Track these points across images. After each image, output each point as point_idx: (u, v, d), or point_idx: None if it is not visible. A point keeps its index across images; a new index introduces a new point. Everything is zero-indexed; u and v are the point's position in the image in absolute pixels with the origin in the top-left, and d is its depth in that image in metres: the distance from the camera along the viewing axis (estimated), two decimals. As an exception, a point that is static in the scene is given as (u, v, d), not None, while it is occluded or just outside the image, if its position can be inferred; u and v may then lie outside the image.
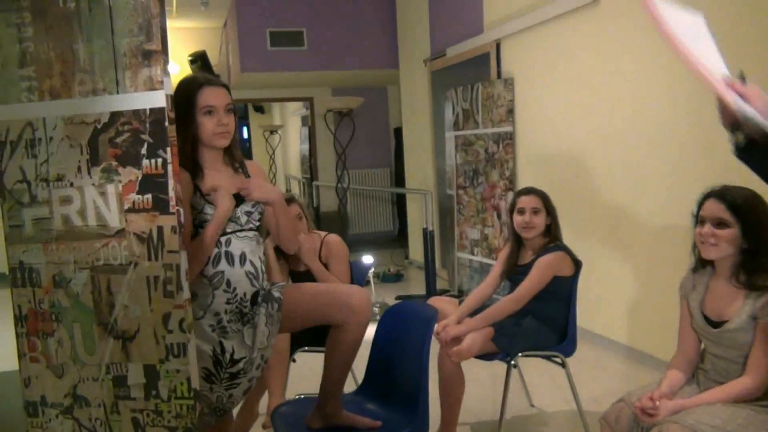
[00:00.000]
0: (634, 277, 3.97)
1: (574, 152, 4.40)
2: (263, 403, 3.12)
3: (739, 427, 1.87)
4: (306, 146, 10.15)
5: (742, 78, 1.72)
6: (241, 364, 2.00)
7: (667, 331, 3.57)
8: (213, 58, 8.46)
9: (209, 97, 1.95)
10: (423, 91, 6.77)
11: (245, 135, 12.37)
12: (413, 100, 7.15)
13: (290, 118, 11.65)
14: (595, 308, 4.24)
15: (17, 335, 1.80)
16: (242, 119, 12.27)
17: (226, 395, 2.03)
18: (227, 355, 1.97)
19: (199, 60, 8.00)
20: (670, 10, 1.67)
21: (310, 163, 9.67)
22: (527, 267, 2.97)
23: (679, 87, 3.51)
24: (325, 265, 3.16)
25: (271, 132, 10.82)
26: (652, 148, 3.73)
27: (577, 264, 3.01)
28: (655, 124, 3.70)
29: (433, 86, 6.55)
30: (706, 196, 2.07)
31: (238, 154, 2.10)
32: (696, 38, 1.72)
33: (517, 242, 3.09)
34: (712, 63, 1.70)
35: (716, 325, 2.04)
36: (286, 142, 11.82)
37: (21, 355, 1.79)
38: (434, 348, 2.55)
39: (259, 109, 12.32)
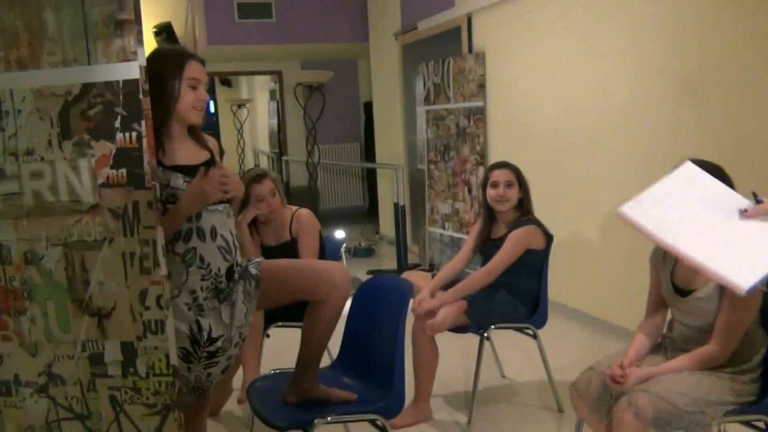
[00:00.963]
0: (602, 250, 4.04)
1: (544, 127, 4.43)
2: (237, 379, 3.12)
3: (704, 393, 1.93)
4: (275, 121, 10.03)
5: (758, 199, 1.81)
6: (219, 343, 1.98)
7: (635, 302, 3.66)
8: (178, 30, 8.26)
9: (196, 70, 1.95)
10: (394, 65, 6.73)
11: (212, 109, 12.15)
12: (384, 75, 7.11)
13: (258, 92, 11.49)
14: (566, 281, 4.31)
15: (-13, 313, 1.76)
16: (208, 93, 12.04)
17: (204, 374, 2.01)
18: (204, 334, 1.95)
19: (164, 32, 7.79)
20: (646, 205, 1.79)
21: (279, 138, 9.57)
22: (500, 241, 3.00)
23: (647, 62, 3.55)
24: (295, 240, 3.14)
25: (239, 106, 10.66)
26: (620, 123, 3.78)
27: (549, 237, 3.05)
28: (623, 99, 3.74)
29: (403, 60, 6.51)
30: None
31: (200, 128, 2.07)
32: (687, 210, 1.83)
33: (490, 216, 3.12)
34: (716, 218, 1.81)
35: (685, 293, 2.09)
36: (254, 116, 11.67)
37: (-8, 334, 1.75)
38: (408, 321, 2.57)
39: (226, 83, 12.11)
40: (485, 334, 2.92)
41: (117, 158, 1.61)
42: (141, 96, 1.58)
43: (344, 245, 3.63)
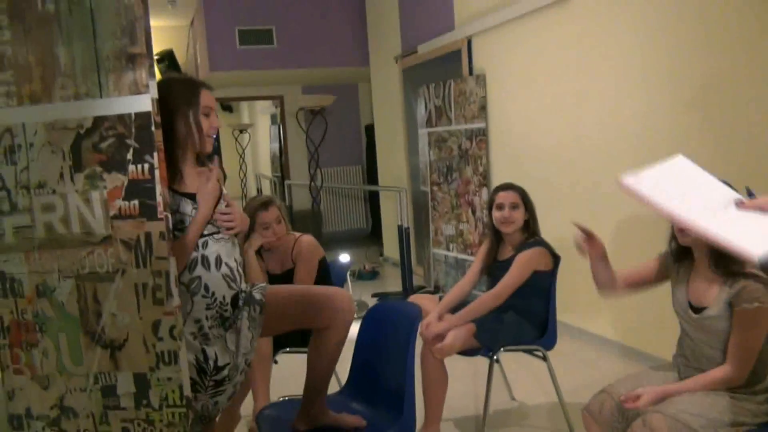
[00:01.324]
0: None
1: (547, 147, 4.45)
2: (247, 406, 3.10)
3: (719, 414, 1.92)
4: (276, 145, 10.07)
5: (750, 194, 1.80)
6: (225, 371, 1.98)
7: (645, 321, 3.65)
8: (180, 57, 8.35)
9: (208, 98, 1.98)
10: (394, 88, 6.78)
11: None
12: (385, 98, 7.15)
13: (259, 117, 11.56)
14: (574, 301, 4.30)
15: (-1, 347, 1.76)
16: (210, 118, 12.10)
17: (211, 403, 2.01)
18: (211, 363, 1.94)
19: (166, 59, 7.89)
20: (647, 182, 1.77)
21: (281, 162, 9.61)
22: (507, 263, 3.00)
23: (650, 83, 3.57)
24: (296, 265, 3.14)
25: (241, 131, 10.72)
26: (623, 142, 3.79)
27: (556, 258, 3.05)
28: (626, 119, 3.76)
29: (404, 83, 6.55)
30: None
31: (204, 155, 2.08)
32: (685, 194, 1.81)
33: (496, 238, 3.12)
34: (713, 204, 1.77)
35: (696, 311, 2.08)
36: (256, 140, 11.73)
37: (4, 368, 1.74)
38: (417, 346, 2.56)
39: (228, 108, 12.20)
40: (495, 357, 2.90)
41: (129, 190, 1.62)
42: (153, 128, 1.59)
43: (350, 268, 3.64)
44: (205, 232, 1.94)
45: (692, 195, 1.82)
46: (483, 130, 5.05)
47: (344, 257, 5.10)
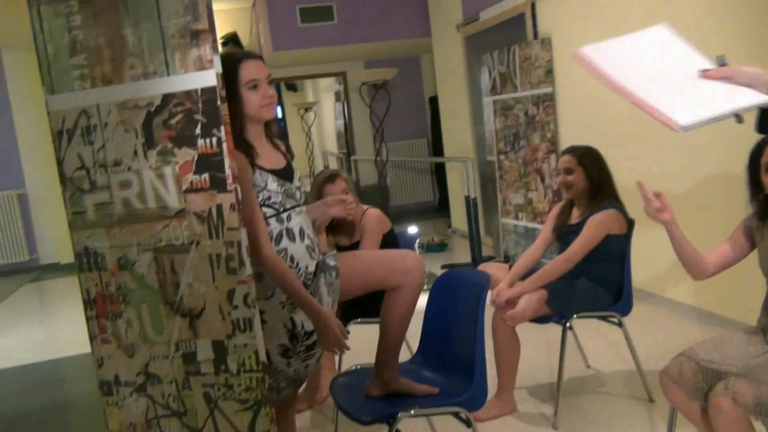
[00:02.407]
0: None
1: (617, 110, 4.30)
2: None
3: None
4: (341, 121, 10.14)
5: (722, 63, 1.72)
6: (315, 336, 2.03)
7: (724, 286, 3.51)
8: (244, 39, 8.48)
9: (251, 70, 1.92)
10: (457, 57, 6.68)
11: (279, 114, 12.41)
12: (447, 68, 7.07)
13: (323, 95, 11.65)
14: (650, 267, 4.18)
15: (87, 318, 1.85)
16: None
17: (302, 366, 2.08)
18: (300, 329, 2.00)
19: (231, 41, 8.02)
20: (605, 53, 1.69)
21: (347, 138, 9.67)
22: (578, 227, 2.93)
23: (720, 43, 3.38)
24: (361, 237, 3.16)
25: (306, 110, 10.84)
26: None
27: (630, 222, 2.96)
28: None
29: (467, 52, 6.45)
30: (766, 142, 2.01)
31: (274, 127, 2.09)
32: (649, 68, 1.72)
33: (568, 202, 3.06)
34: (673, 75, 1.73)
35: None
36: (321, 118, 11.84)
37: (92, 337, 1.84)
38: (488, 313, 2.55)
39: (292, 87, 12.35)
40: (568, 324, 2.86)
41: (199, 164, 1.67)
42: (219, 102, 1.63)
43: (418, 239, 3.64)
44: (288, 206, 1.98)
45: (655, 63, 1.74)
46: (550, 96, 4.92)
47: (413, 229, 5.11)
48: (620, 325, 2.93)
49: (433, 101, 8.56)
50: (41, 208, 7.83)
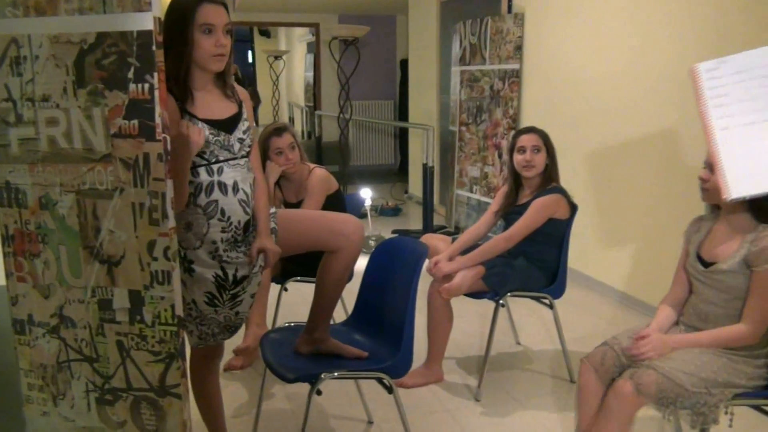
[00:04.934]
0: (630, 222, 3.97)
1: (580, 93, 4.31)
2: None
3: (713, 374, 1.90)
4: (311, 74, 9.98)
5: None
6: (242, 284, 2.04)
7: (659, 277, 3.60)
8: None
9: (208, 14, 1.84)
10: (431, 22, 6.60)
11: (249, 59, 12.13)
12: (421, 31, 6.97)
13: (296, 44, 11.41)
14: (589, 251, 4.26)
15: (4, 254, 1.81)
16: (247, 42, 12.02)
17: (232, 314, 2.08)
18: (230, 277, 2.00)
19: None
20: (720, 81, 1.69)
21: (314, 92, 9.53)
22: (523, 207, 2.96)
23: (690, 30, 3.40)
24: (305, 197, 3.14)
25: (276, 57, 10.62)
26: (661, 91, 3.65)
27: (573, 207, 3.00)
28: (661, 65, 3.61)
29: (442, 17, 6.37)
30: None
31: (229, 78, 2.03)
32: (751, 100, 1.76)
33: (516, 182, 3.08)
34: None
35: (707, 265, 2.04)
36: (291, 68, 11.62)
37: (8, 274, 1.80)
38: (425, 283, 2.57)
39: (265, 33, 12.06)
40: (500, 301, 2.91)
41: (129, 109, 1.61)
42: (154, 48, 1.57)
43: (367, 203, 3.63)
44: (221, 158, 1.94)
45: (761, 96, 1.75)
46: (516, 72, 4.91)
47: (365, 192, 5.10)
48: (551, 306, 2.99)
49: (404, 64, 8.46)
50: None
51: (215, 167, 1.93)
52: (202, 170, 1.91)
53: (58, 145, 1.69)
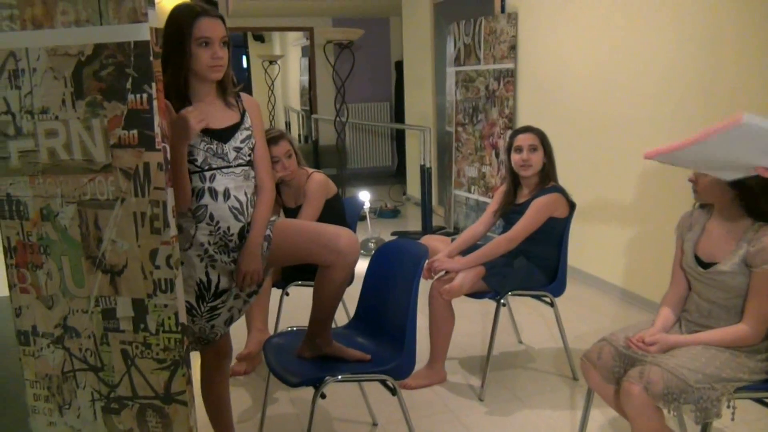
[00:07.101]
0: (628, 219, 3.98)
1: (575, 92, 4.33)
2: (241, 338, 3.18)
3: (717, 369, 1.91)
4: (306, 78, 9.99)
5: None
6: (222, 297, 2.07)
7: (659, 273, 3.61)
8: (212, -16, 8.21)
9: (205, 28, 1.90)
10: (425, 23, 6.61)
11: (244, 64, 12.13)
12: (415, 33, 6.99)
13: (291, 49, 11.43)
14: (589, 249, 4.27)
15: (7, 266, 1.81)
16: (241, 48, 12.02)
17: (207, 326, 2.12)
18: (212, 287, 2.03)
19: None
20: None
21: (310, 95, 9.54)
22: (523, 207, 2.97)
23: (687, 32, 3.42)
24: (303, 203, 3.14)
25: (271, 62, 10.62)
26: (655, 90, 3.67)
27: (572, 206, 3.01)
28: (659, 66, 3.63)
29: (435, 19, 6.38)
30: None
31: (230, 87, 2.06)
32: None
33: (514, 182, 3.09)
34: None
35: (706, 266, 2.05)
36: (286, 72, 11.63)
37: (11, 286, 1.81)
38: (426, 285, 2.58)
39: (259, 38, 12.06)
40: (501, 300, 2.92)
41: (128, 119, 1.62)
42: (152, 58, 1.58)
43: (365, 207, 3.64)
44: (214, 166, 1.97)
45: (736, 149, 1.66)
46: (511, 71, 4.92)
47: (363, 195, 5.11)
48: (552, 305, 3.00)
49: (399, 66, 8.47)
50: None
51: (207, 174, 1.97)
52: (195, 177, 1.96)
53: (58, 157, 1.70)
